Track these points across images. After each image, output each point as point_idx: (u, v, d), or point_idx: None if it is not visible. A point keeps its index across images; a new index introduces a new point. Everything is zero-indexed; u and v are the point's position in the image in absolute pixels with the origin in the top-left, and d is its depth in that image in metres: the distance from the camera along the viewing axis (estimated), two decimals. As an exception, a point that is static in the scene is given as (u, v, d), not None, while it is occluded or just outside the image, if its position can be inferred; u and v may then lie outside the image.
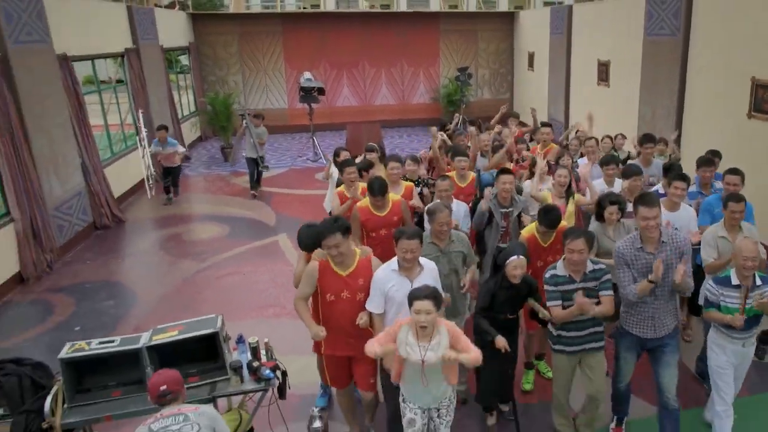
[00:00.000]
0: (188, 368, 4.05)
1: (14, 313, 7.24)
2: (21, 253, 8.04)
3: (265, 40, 17.74)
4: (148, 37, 13.36)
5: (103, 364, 3.92)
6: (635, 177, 6.01)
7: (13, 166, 7.96)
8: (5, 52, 8.00)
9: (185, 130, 15.58)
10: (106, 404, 3.88)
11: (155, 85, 13.50)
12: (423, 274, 4.38)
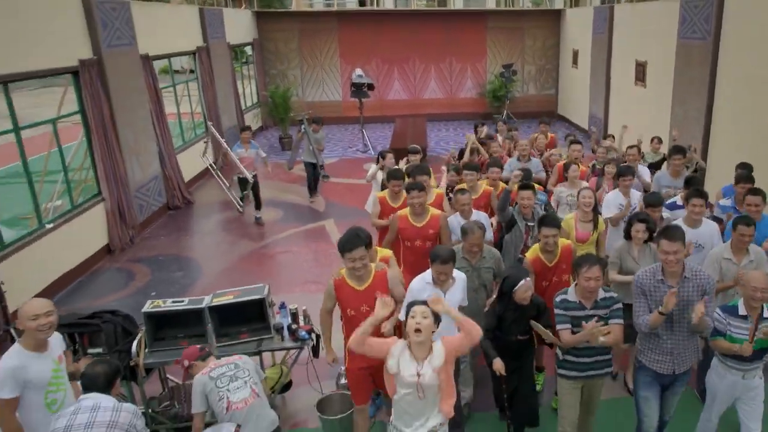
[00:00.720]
0: (240, 327, 4.96)
1: (104, 278, 8.49)
2: (109, 228, 9.29)
3: (323, 37, 18.68)
4: (217, 35, 14.49)
5: (174, 319, 4.87)
6: (654, 209, 5.78)
7: (104, 154, 9.19)
8: (100, 56, 9.17)
9: (248, 120, 16.76)
10: (176, 351, 4.77)
11: (222, 79, 14.65)
12: (455, 285, 4.58)
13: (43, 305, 3.64)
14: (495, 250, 5.34)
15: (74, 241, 8.45)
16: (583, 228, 5.87)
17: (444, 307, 3.53)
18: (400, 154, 11.57)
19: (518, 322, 4.54)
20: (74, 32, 8.78)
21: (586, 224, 5.85)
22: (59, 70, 8.54)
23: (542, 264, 5.09)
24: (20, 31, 7.57)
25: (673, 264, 4.01)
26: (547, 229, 4.99)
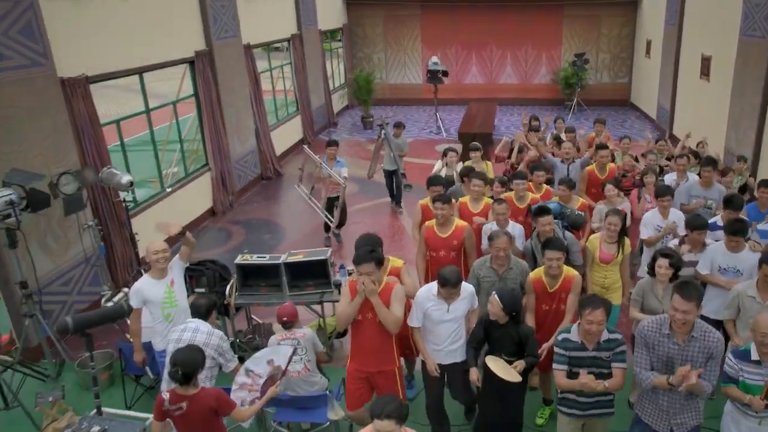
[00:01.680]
0: (308, 281, 6.17)
1: (208, 235, 10.12)
2: (214, 193, 10.90)
3: (406, 23, 19.66)
4: (310, 23, 15.79)
5: (258, 271, 6.18)
6: (699, 231, 5.42)
7: (212, 131, 10.72)
8: (211, 47, 10.64)
9: (335, 99, 18.16)
10: (258, 296, 6.18)
11: (312, 63, 15.98)
12: (460, 298, 4.67)
13: (161, 245, 5.16)
14: (523, 263, 5.34)
15: (187, 203, 10.09)
16: (607, 249, 5.65)
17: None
18: (465, 138, 12.50)
19: (502, 340, 4.49)
20: (192, 29, 10.31)
21: (611, 245, 5.63)
22: (180, 61, 10.10)
23: (543, 287, 4.94)
24: (152, 33, 9.14)
25: (681, 324, 3.74)
26: (551, 252, 4.80)
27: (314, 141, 15.52)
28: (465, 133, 13.16)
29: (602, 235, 5.72)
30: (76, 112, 7.44)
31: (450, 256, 5.73)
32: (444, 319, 4.67)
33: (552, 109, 18.72)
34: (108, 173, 7.42)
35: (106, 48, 8.08)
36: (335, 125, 17.46)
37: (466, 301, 4.72)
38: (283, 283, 6.13)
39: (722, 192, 6.75)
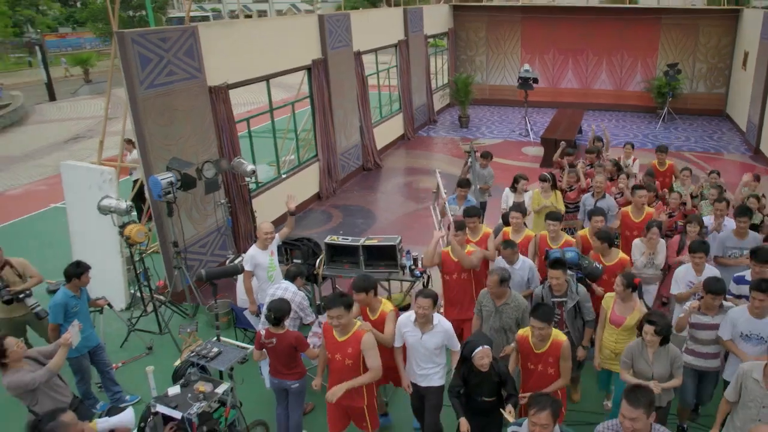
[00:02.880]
0: (380, 261, 7.70)
1: (312, 216, 12.04)
2: (321, 180, 12.78)
3: (507, 28, 20.62)
4: (416, 29, 17.31)
5: (342, 249, 7.82)
6: (714, 296, 5.08)
7: (322, 127, 12.57)
8: (326, 55, 12.44)
9: (436, 98, 19.65)
10: (341, 270, 7.81)
11: (417, 66, 17.54)
12: (433, 331, 4.97)
13: (270, 227, 7.00)
14: (522, 300, 5.50)
15: (298, 188, 11.97)
16: (620, 310, 5.38)
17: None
18: (547, 143, 13.53)
19: (481, 385, 4.57)
20: (310, 41, 12.18)
21: (624, 306, 5.36)
22: (299, 68, 11.98)
23: (530, 347, 4.86)
24: (277, 48, 11.07)
25: (629, 430, 3.49)
26: (535, 321, 4.63)
27: (414, 138, 17.10)
28: (547, 138, 14.15)
29: (617, 295, 5.41)
30: (218, 112, 9.47)
31: (461, 278, 6.22)
32: (417, 345, 5.05)
33: (643, 116, 19.10)
34: (237, 162, 9.42)
35: (242, 61, 10.09)
36: (435, 122, 18.97)
37: (440, 336, 4.99)
38: (360, 262, 7.71)
39: (757, 239, 6.37)
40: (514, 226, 6.88)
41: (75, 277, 6.23)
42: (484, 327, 5.61)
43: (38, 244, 11.16)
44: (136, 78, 7.88)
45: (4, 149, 20.13)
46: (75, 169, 9.01)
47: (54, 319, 6.12)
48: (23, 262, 6.98)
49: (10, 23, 47.46)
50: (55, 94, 30.23)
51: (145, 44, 7.99)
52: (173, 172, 8.05)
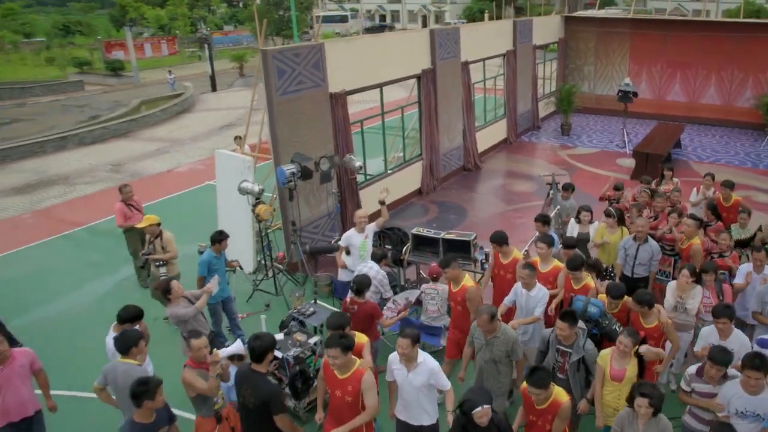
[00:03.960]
0: (456, 253, 8.54)
1: (411, 209, 13.17)
2: (423, 177, 13.88)
3: (617, 39, 20.32)
4: (525, 40, 17.74)
5: (426, 240, 8.91)
6: (718, 368, 4.72)
7: (428, 130, 13.66)
8: (435, 65, 13.47)
9: (541, 105, 20.01)
10: (423, 257, 8.88)
11: (524, 74, 17.99)
12: (418, 369, 4.94)
13: (364, 213, 8.27)
14: (511, 333, 5.48)
15: (401, 183, 13.24)
16: (619, 365, 5.10)
17: None
18: (639, 156, 13.65)
19: None
20: (421, 53, 13.21)
21: (622, 361, 5.08)
22: (410, 77, 13.10)
23: (531, 401, 4.73)
24: (390, 59, 12.21)
25: None
26: (531, 387, 4.49)
27: (516, 142, 17.68)
28: (640, 151, 14.21)
29: (613, 350, 5.12)
30: (336, 115, 10.83)
31: (457, 309, 6.48)
32: (404, 383, 5.05)
33: (750, 134, 18.20)
34: (348, 159, 10.77)
35: (359, 71, 11.29)
36: (538, 128, 19.40)
37: (425, 374, 4.94)
38: (440, 252, 8.74)
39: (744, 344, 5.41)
40: (541, 256, 6.78)
41: (217, 242, 7.82)
42: (476, 357, 5.72)
43: (193, 213, 13.20)
44: (273, 86, 9.38)
45: (176, 133, 23.04)
46: (224, 156, 10.81)
47: (200, 273, 7.69)
48: (169, 238, 8.58)
49: (188, 22, 52.90)
50: (216, 85, 33.59)
51: (282, 59, 9.49)
52: (295, 165, 9.53)
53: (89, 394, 6.57)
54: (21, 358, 5.59)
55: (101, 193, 15.61)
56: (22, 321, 9.15)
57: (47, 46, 51.05)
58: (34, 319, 9.34)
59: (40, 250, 12.05)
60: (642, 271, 7.50)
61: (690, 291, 6.33)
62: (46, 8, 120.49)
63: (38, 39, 54.36)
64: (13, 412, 5.49)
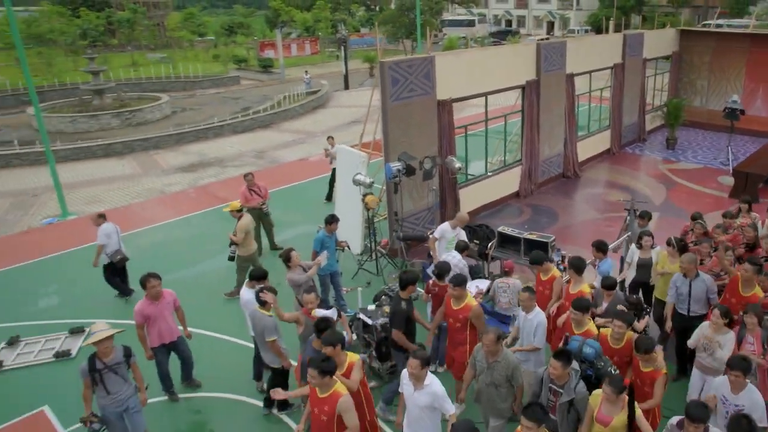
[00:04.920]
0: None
1: (507, 210, 13.52)
2: (521, 181, 14.15)
3: (733, 55, 18.99)
4: (634, 53, 17.17)
5: (510, 239, 9.33)
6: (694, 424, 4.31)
7: (529, 137, 13.92)
8: (539, 77, 13.68)
9: (648, 118, 19.22)
10: (506, 254, 9.34)
11: (631, 87, 17.44)
12: (424, 390, 4.89)
13: (467, 217, 8.86)
14: (512, 358, 5.35)
15: (499, 185, 13.64)
16: (608, 410, 4.76)
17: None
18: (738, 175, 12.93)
19: None
20: (526, 65, 13.45)
21: (612, 407, 4.73)
22: (514, 87, 13.43)
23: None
24: (496, 69, 12.59)
25: None
26: (525, 420, 4.25)
27: (618, 153, 17.26)
28: (740, 170, 13.47)
29: (604, 394, 4.77)
30: (442, 120, 11.50)
31: (456, 326, 6.36)
32: (410, 399, 5.06)
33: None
34: (449, 160, 11.43)
35: (466, 81, 11.83)
36: (644, 141, 18.70)
37: (428, 396, 4.90)
38: (521, 250, 9.21)
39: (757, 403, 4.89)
40: (573, 279, 6.75)
41: (329, 224, 8.88)
42: (478, 380, 5.60)
43: (316, 198, 14.47)
44: (388, 93, 10.24)
45: (310, 126, 24.72)
46: (345, 151, 11.86)
47: (314, 248, 8.75)
48: (240, 225, 9.46)
49: (330, 24, 55.57)
50: (349, 84, 35.26)
51: (397, 70, 10.33)
52: (402, 162, 10.34)
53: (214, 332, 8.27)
54: (168, 297, 7.11)
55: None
56: (182, 274, 10.78)
57: (215, 44, 55.80)
58: (190, 273, 10.96)
59: (199, 219, 13.86)
60: (699, 308, 6.78)
61: (721, 336, 5.73)
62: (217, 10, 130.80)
63: (209, 38, 59.46)
64: (165, 335, 7.09)
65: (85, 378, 5.75)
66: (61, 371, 8.07)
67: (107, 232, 9.66)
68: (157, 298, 6.93)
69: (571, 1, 72.91)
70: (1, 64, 30.35)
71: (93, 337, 5.68)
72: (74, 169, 18.53)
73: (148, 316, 6.88)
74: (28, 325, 9.29)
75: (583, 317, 5.87)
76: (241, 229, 9.60)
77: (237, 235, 9.58)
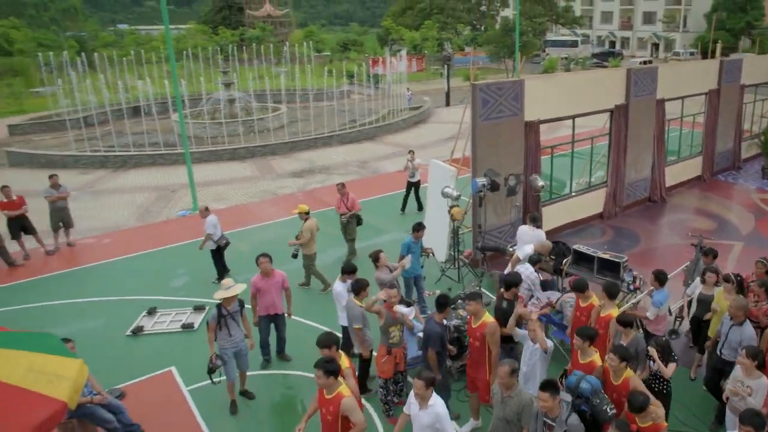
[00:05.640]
0: (607, 272, 8.98)
1: (589, 230, 13.33)
2: (605, 203, 13.91)
3: None
4: (731, 80, 16.27)
5: (585, 257, 9.32)
6: None
7: (615, 160, 13.71)
8: (628, 102, 13.40)
9: (744, 147, 18.05)
10: (579, 270, 9.37)
11: (727, 114, 16.51)
12: (428, 410, 4.88)
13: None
14: (525, 396, 5.13)
15: (582, 206, 13.51)
16: None
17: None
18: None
19: None
20: (615, 90, 13.25)
21: None
22: (602, 111, 13.27)
23: None
24: (584, 94, 12.52)
25: None
26: None
27: (710, 180, 16.37)
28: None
29: None
30: (528, 140, 11.71)
31: (475, 344, 6.27)
32: (415, 418, 5.07)
33: None
34: (532, 178, 11.64)
35: (554, 104, 11.91)
36: (739, 169, 17.57)
37: (431, 416, 4.89)
38: (594, 268, 9.22)
39: None
40: (606, 304, 6.67)
41: (416, 231, 9.42)
42: (493, 412, 5.50)
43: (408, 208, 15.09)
44: (478, 113, 10.66)
45: (410, 140, 25.29)
46: (437, 165, 12.36)
47: (401, 252, 9.27)
48: (306, 226, 10.25)
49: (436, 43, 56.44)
50: (450, 100, 35.72)
51: (488, 92, 10.74)
52: (487, 178, 10.70)
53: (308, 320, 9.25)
54: (278, 276, 8.13)
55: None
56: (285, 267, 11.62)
57: (330, 59, 58.47)
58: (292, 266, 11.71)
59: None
60: (729, 355, 6.33)
61: (753, 381, 5.39)
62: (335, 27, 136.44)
63: (325, 53, 62.35)
64: (270, 308, 8.18)
65: (213, 323, 7.06)
66: (186, 340, 9.27)
67: (213, 223, 10.88)
68: (267, 274, 8.00)
69: (677, 23, 68.77)
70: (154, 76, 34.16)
71: (230, 291, 7.07)
72: (205, 170, 20.47)
73: (259, 289, 8.01)
74: (162, 299, 10.67)
75: (583, 344, 5.65)
76: (306, 229, 10.36)
77: (303, 235, 10.32)
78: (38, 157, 22.14)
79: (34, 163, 21.83)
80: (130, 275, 11.80)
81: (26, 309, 10.22)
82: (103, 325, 9.79)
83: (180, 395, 7.84)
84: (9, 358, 4.42)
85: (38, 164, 21.55)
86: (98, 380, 6.74)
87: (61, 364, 4.60)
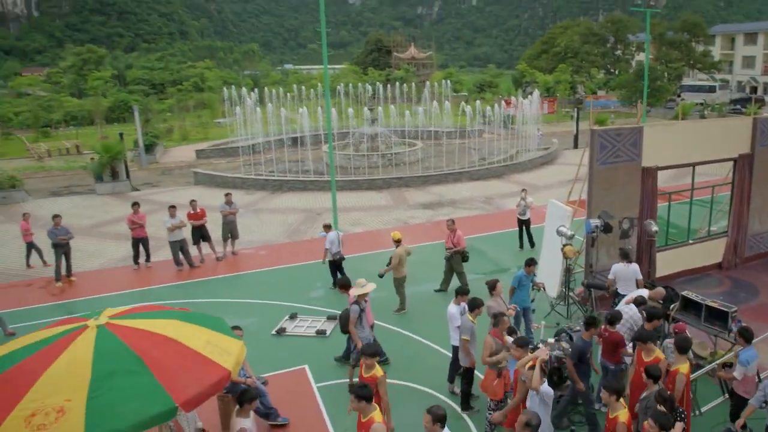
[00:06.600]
0: (715, 320, 8.63)
1: (706, 279, 12.40)
2: (725, 253, 13.04)
3: None
4: None
5: (692, 304, 9.10)
6: None
7: (737, 210, 12.81)
8: (753, 151, 12.57)
9: None
10: (687, 317, 9.10)
11: None
12: None
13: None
14: None
15: (702, 254, 12.77)
16: None
17: None
18: None
19: None
20: (740, 139, 12.49)
21: None
22: (725, 159, 12.57)
23: None
24: (706, 142, 11.89)
25: None
26: None
27: None
28: None
29: None
30: (645, 185, 11.46)
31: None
32: None
33: None
34: (647, 223, 11.40)
35: (673, 151, 11.54)
36: None
37: None
38: (702, 316, 8.96)
39: None
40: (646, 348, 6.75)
41: (528, 265, 9.66)
42: None
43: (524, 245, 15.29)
44: (595, 157, 10.79)
45: (536, 180, 24.96)
46: (554, 205, 12.53)
47: (512, 284, 9.62)
48: (395, 252, 10.98)
49: (569, 86, 55.22)
50: (578, 143, 34.72)
51: (606, 137, 10.85)
52: (601, 220, 10.76)
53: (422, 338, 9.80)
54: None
55: (473, 218, 19.00)
56: (410, 290, 11.81)
57: (466, 100, 59.64)
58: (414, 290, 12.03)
59: (429, 249, 14.94)
60: None
61: None
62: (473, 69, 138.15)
63: (462, 94, 63.63)
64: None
65: (355, 315, 8.17)
66: (319, 344, 10.31)
67: (331, 239, 12.17)
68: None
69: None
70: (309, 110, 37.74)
71: (365, 288, 8.34)
72: (347, 197, 22.12)
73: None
74: (302, 306, 11.96)
75: (610, 398, 5.72)
76: (396, 256, 11.08)
77: (393, 260, 11.05)
78: (216, 178, 25.56)
79: (212, 182, 25.25)
80: (278, 283, 13.37)
81: (196, 303, 11.91)
82: (254, 323, 11.00)
83: (310, 389, 8.78)
84: (194, 330, 5.33)
85: (215, 184, 24.90)
86: (248, 368, 7.86)
87: (229, 342, 5.38)
